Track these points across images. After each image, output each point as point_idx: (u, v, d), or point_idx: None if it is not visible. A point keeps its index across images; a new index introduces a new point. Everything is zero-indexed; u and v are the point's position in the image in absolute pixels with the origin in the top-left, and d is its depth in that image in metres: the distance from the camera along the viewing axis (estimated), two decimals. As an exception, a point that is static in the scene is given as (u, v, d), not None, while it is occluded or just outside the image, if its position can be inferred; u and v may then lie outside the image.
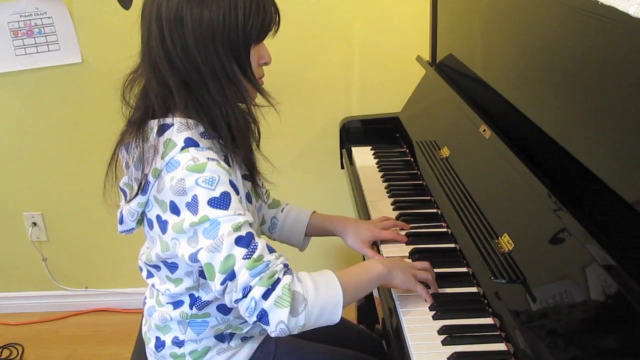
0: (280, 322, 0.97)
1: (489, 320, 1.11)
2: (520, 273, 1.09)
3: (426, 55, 1.98)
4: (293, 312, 0.97)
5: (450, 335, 1.07)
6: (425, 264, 1.22)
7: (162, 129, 1.07)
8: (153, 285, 1.20)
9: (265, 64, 1.12)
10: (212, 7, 1.02)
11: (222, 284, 0.98)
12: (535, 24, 1.27)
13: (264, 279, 0.96)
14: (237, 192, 1.03)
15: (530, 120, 1.28)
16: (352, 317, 1.86)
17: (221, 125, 1.07)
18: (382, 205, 1.53)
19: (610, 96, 0.99)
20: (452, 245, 1.34)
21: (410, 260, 1.27)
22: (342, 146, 1.97)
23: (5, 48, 2.10)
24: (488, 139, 1.40)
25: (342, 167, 1.92)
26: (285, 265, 1.01)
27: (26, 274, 2.45)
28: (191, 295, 1.15)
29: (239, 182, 1.10)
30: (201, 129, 1.07)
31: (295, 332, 1.00)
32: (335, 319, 1.04)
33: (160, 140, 1.06)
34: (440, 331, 1.09)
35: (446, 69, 1.85)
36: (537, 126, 1.25)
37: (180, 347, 1.18)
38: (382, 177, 1.69)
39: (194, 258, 1.01)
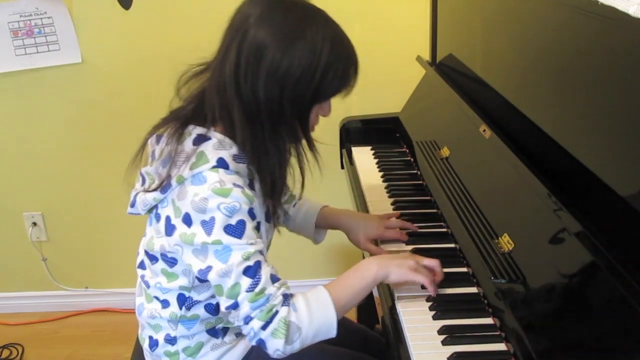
0: (276, 349, 1.05)
1: (489, 320, 1.11)
2: (520, 273, 1.09)
3: (426, 55, 1.97)
4: (288, 342, 1.05)
5: (450, 335, 1.07)
6: (433, 262, 1.19)
7: (199, 140, 1.07)
8: (142, 277, 1.20)
9: (324, 115, 1.14)
10: (294, 58, 1.01)
11: (227, 308, 1.06)
12: (535, 24, 1.27)
13: (263, 312, 1.03)
14: (254, 218, 1.06)
15: (530, 120, 1.28)
16: (352, 317, 1.86)
17: (261, 167, 1.08)
18: (382, 206, 1.53)
19: (610, 96, 0.99)
20: (452, 245, 1.34)
21: (412, 254, 1.25)
22: (342, 146, 1.97)
23: (5, 48, 2.10)
24: (488, 139, 1.40)
25: (342, 167, 1.92)
26: (285, 296, 1.06)
27: (26, 274, 2.45)
28: (181, 295, 1.15)
29: (259, 207, 1.10)
30: (235, 150, 1.08)
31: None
32: (331, 335, 1.10)
33: (195, 149, 1.06)
34: (440, 331, 1.09)
35: (446, 69, 1.85)
36: (537, 126, 1.25)
37: (173, 344, 1.18)
38: (382, 177, 1.69)
39: (203, 275, 1.05)
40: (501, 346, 1.05)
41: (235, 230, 1.03)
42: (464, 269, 1.25)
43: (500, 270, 1.13)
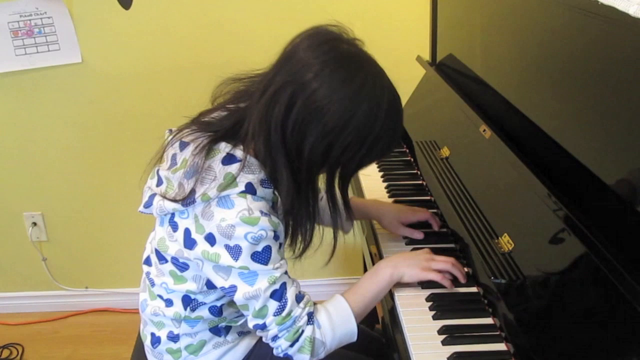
0: None
1: (489, 320, 1.11)
2: (520, 273, 1.09)
3: (426, 55, 1.97)
4: (313, 355, 1.10)
5: (450, 335, 1.07)
6: (446, 258, 1.21)
7: (229, 160, 1.05)
8: (148, 275, 1.19)
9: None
10: (348, 128, 0.99)
11: (254, 327, 1.09)
12: (535, 24, 1.27)
13: (290, 333, 1.08)
14: (278, 239, 1.06)
15: (530, 120, 1.28)
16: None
17: (296, 217, 1.08)
18: (382, 205, 1.53)
19: (610, 96, 0.99)
20: (452, 245, 1.34)
21: (426, 251, 1.25)
22: (342, 146, 1.96)
23: (5, 48, 2.10)
24: (488, 139, 1.40)
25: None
26: (309, 315, 1.10)
27: (26, 274, 2.45)
28: (186, 297, 1.14)
29: (282, 231, 1.09)
30: (262, 175, 1.06)
31: None
32: (353, 341, 1.16)
33: (223, 169, 1.04)
34: (440, 331, 1.09)
35: (446, 69, 1.85)
36: (537, 126, 1.25)
37: (175, 341, 1.18)
38: (382, 177, 1.69)
39: (227, 292, 1.07)
40: (501, 346, 1.05)
41: (262, 256, 1.04)
42: (464, 269, 1.25)
43: (500, 270, 1.13)
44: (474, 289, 1.20)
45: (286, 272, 1.09)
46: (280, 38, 1.13)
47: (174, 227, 1.09)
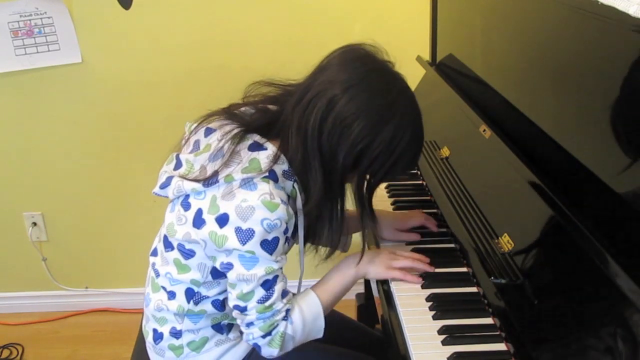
0: (270, 354, 1.14)
1: (489, 320, 1.11)
2: (520, 273, 1.09)
3: (426, 55, 1.97)
4: (281, 349, 1.13)
5: (450, 335, 1.07)
6: (408, 253, 1.27)
7: (256, 147, 1.09)
8: (153, 265, 1.20)
9: None
10: (376, 141, 1.06)
11: (234, 307, 1.11)
12: (535, 24, 1.27)
13: (265, 324, 1.10)
14: (286, 233, 1.09)
15: (530, 120, 1.28)
16: (353, 316, 1.86)
17: (322, 217, 1.13)
18: (382, 206, 1.53)
19: (610, 96, 0.99)
20: (452, 245, 1.34)
21: (391, 248, 1.31)
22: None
23: (5, 48, 2.10)
24: (488, 139, 1.40)
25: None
26: (287, 312, 1.13)
27: (26, 274, 2.45)
28: (189, 289, 1.15)
29: (293, 224, 1.12)
30: (286, 167, 1.10)
31: None
32: (319, 337, 1.19)
33: (249, 155, 1.08)
34: (440, 331, 1.09)
35: (446, 69, 1.85)
36: (537, 126, 1.25)
37: (178, 338, 1.19)
38: (382, 177, 1.69)
39: (224, 268, 1.09)
40: (501, 346, 1.05)
41: (270, 246, 1.06)
42: (464, 269, 1.25)
43: (500, 270, 1.13)
44: (474, 289, 1.20)
45: (281, 268, 1.11)
46: (281, 39, 1.14)
47: (187, 207, 1.10)
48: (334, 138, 1.06)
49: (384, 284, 1.24)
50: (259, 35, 2.08)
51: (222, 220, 1.05)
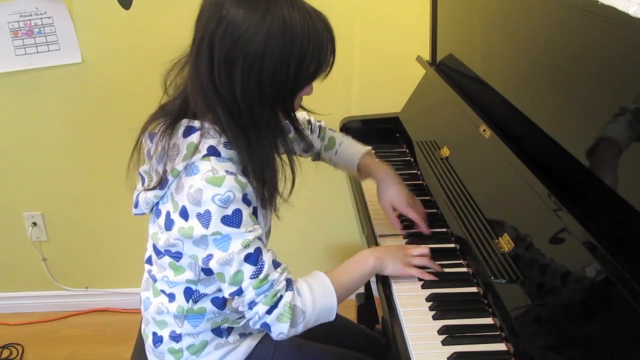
0: (280, 332, 1.08)
1: (489, 320, 1.11)
2: (520, 273, 1.10)
3: (426, 55, 1.97)
4: (292, 325, 1.07)
5: (450, 335, 1.07)
6: (422, 250, 1.25)
7: (189, 131, 1.08)
8: (149, 272, 1.20)
9: (307, 95, 1.12)
10: (266, 55, 0.99)
11: (230, 295, 1.07)
12: (535, 24, 1.27)
13: (268, 297, 1.05)
14: (249, 204, 1.07)
15: (530, 120, 1.28)
16: (352, 317, 1.86)
17: (254, 163, 1.07)
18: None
19: (610, 96, 0.99)
20: (452, 245, 1.34)
21: (404, 245, 1.30)
22: (342, 146, 1.96)
23: (5, 48, 2.10)
24: (488, 139, 1.40)
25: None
26: (288, 281, 1.08)
27: (26, 274, 2.45)
28: (188, 289, 1.15)
29: (253, 193, 1.09)
30: (224, 138, 1.08)
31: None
32: (331, 319, 1.14)
33: (185, 141, 1.07)
34: (440, 331, 1.09)
35: (446, 69, 1.85)
36: (537, 126, 1.25)
37: (177, 341, 1.18)
38: (382, 177, 1.68)
39: (205, 263, 1.07)
40: (501, 346, 1.05)
41: (232, 219, 1.03)
42: (464, 269, 1.25)
43: (500, 270, 1.13)
44: (474, 289, 1.20)
45: (260, 239, 1.07)
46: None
47: (158, 214, 1.11)
48: (227, 71, 1.00)
49: (384, 285, 1.24)
50: (259, 35, 2.08)
51: (184, 213, 1.05)
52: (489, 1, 1.54)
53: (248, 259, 1.05)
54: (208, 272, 1.12)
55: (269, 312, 1.06)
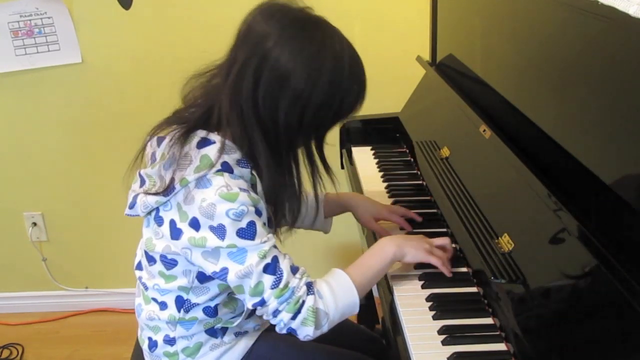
0: (306, 335, 1.09)
1: (489, 320, 1.11)
2: (520, 273, 1.09)
3: (426, 55, 1.97)
4: (317, 327, 1.08)
5: (450, 335, 1.07)
6: (444, 240, 1.24)
7: (204, 143, 1.07)
8: (140, 279, 1.20)
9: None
10: (315, 90, 1.02)
11: (253, 305, 1.07)
12: (535, 24, 1.27)
13: (290, 304, 1.06)
14: (261, 215, 1.07)
15: (530, 120, 1.28)
16: (352, 317, 1.86)
17: (279, 190, 1.09)
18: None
19: (610, 96, 0.99)
20: (452, 245, 1.34)
21: (424, 236, 1.27)
22: (342, 146, 1.97)
23: (5, 48, 2.10)
24: (488, 139, 1.40)
25: (342, 167, 1.93)
26: (308, 285, 1.08)
27: (26, 274, 2.45)
28: (179, 297, 1.15)
29: (264, 207, 1.10)
30: (238, 155, 1.08)
31: None
32: (355, 313, 1.15)
33: (199, 152, 1.06)
34: (440, 331, 1.09)
35: (446, 69, 1.85)
36: (537, 126, 1.25)
37: (172, 345, 1.18)
38: (382, 177, 1.69)
39: (219, 277, 1.06)
40: (501, 346, 1.05)
41: (247, 232, 1.03)
42: (464, 269, 1.25)
43: (500, 270, 1.13)
44: (474, 289, 1.20)
45: (275, 246, 1.07)
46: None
47: (160, 222, 1.10)
48: (272, 100, 1.02)
49: (384, 285, 1.23)
50: (259, 35, 2.08)
51: (195, 224, 1.04)
52: (489, 1, 1.54)
53: (266, 269, 1.05)
54: (202, 279, 1.12)
55: (293, 318, 1.06)
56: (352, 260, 1.18)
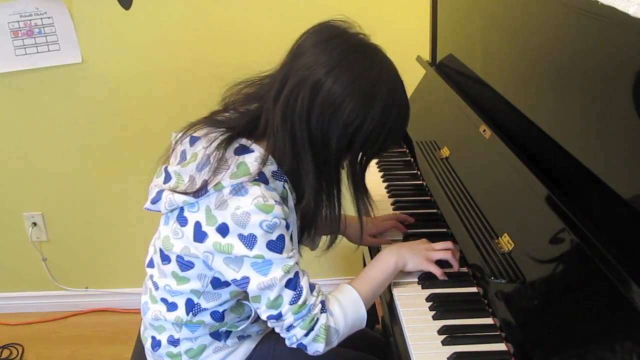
0: (316, 351, 1.11)
1: (489, 320, 1.11)
2: (520, 273, 1.09)
3: (426, 55, 1.97)
4: (327, 344, 1.10)
5: (450, 335, 1.07)
6: (446, 244, 1.26)
7: (242, 150, 1.07)
8: (151, 277, 1.19)
9: None
10: (368, 117, 1.04)
11: (268, 317, 1.09)
12: (535, 24, 1.27)
13: (305, 321, 1.08)
14: (289, 228, 1.08)
15: (530, 120, 1.28)
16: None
17: (317, 208, 1.11)
18: (382, 205, 1.53)
19: (610, 96, 0.99)
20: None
21: (426, 240, 1.28)
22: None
23: (5, 48, 2.10)
24: (488, 139, 1.40)
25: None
26: (322, 303, 1.10)
27: (26, 274, 2.45)
28: (189, 300, 1.14)
29: (293, 221, 1.11)
30: (274, 167, 1.08)
31: None
32: (362, 327, 1.17)
33: (236, 159, 1.06)
34: (440, 331, 1.09)
35: (446, 69, 1.85)
36: (537, 126, 1.25)
37: (175, 346, 1.18)
38: (382, 177, 1.69)
39: (239, 285, 1.07)
40: (501, 346, 1.05)
41: (277, 245, 1.04)
42: (464, 269, 1.25)
43: (500, 270, 1.13)
44: (474, 289, 1.20)
45: (297, 263, 1.09)
46: (281, 38, 1.14)
47: (183, 222, 1.08)
48: (324, 123, 1.03)
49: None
50: (259, 35, 2.08)
51: (223, 230, 1.03)
52: (489, 1, 1.54)
53: (288, 284, 1.06)
54: (216, 285, 1.12)
55: (306, 334, 1.08)
56: (353, 261, 1.18)
